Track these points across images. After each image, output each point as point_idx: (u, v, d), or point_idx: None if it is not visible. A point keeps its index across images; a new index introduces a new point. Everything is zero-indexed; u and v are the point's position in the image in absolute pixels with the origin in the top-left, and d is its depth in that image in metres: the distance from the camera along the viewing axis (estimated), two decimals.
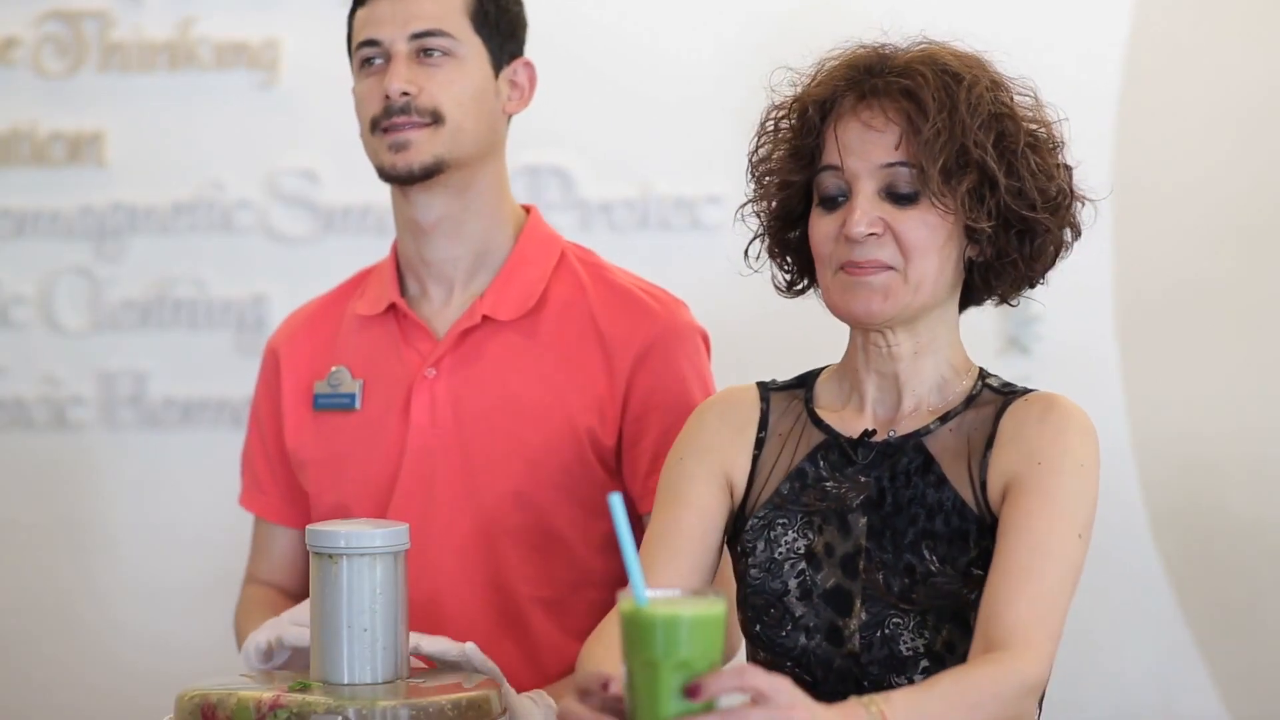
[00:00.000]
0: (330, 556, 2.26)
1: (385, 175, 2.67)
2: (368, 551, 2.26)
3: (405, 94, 2.60)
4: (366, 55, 2.65)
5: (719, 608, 1.80)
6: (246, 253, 4.33)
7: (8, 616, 4.40)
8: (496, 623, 2.64)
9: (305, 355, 2.78)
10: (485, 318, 2.68)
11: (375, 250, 4.20)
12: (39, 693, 4.37)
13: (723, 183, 3.97)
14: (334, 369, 2.73)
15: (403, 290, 2.74)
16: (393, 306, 2.72)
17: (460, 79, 2.64)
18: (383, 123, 2.63)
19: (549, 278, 2.71)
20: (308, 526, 2.30)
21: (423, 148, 2.63)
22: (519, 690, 2.37)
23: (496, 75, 2.68)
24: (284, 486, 2.79)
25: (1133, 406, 3.97)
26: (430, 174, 2.64)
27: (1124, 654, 3.97)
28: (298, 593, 2.80)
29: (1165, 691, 3.96)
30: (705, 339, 2.73)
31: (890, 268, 2.14)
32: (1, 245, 4.38)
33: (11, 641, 4.40)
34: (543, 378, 2.66)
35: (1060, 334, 3.98)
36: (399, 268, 2.77)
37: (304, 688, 2.21)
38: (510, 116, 2.73)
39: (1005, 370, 3.89)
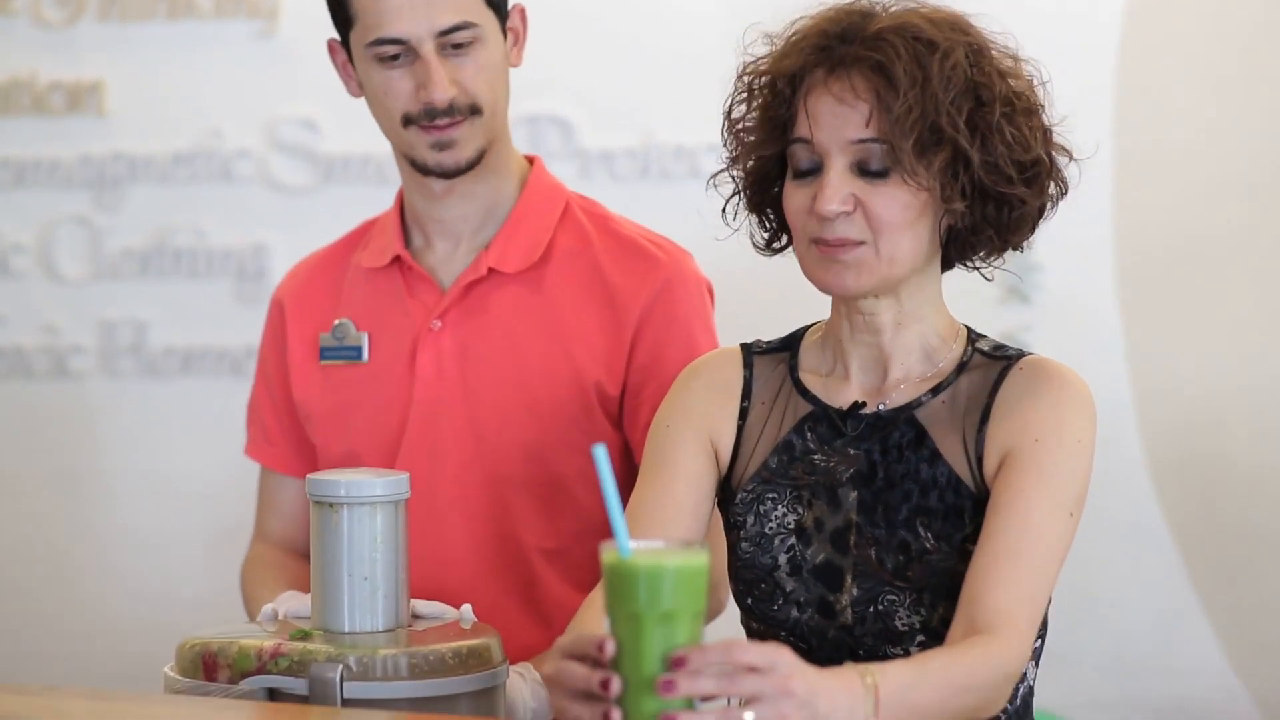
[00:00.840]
0: (331, 505, 2.26)
1: (426, 171, 2.65)
2: (368, 500, 2.25)
3: (452, 94, 2.59)
4: (388, 53, 2.60)
5: (702, 559, 1.79)
6: (246, 202, 4.32)
7: (6, 566, 4.41)
8: (501, 573, 2.64)
9: (310, 307, 2.77)
10: (491, 270, 2.67)
11: (375, 199, 4.19)
12: (37, 642, 4.37)
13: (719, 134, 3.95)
14: (338, 321, 2.72)
15: (407, 242, 2.74)
16: (397, 259, 2.71)
17: (488, 62, 2.61)
18: (422, 121, 2.60)
19: (554, 229, 2.70)
20: (308, 475, 2.30)
21: (469, 143, 2.62)
22: (518, 649, 2.37)
23: (504, 36, 2.66)
24: (291, 437, 2.78)
25: (1134, 357, 3.97)
26: (474, 165, 2.64)
27: (1125, 606, 3.97)
28: (305, 546, 2.78)
29: (1166, 643, 3.96)
30: (710, 290, 2.72)
31: (861, 243, 2.11)
32: (1, 195, 4.38)
33: (10, 591, 4.40)
34: (548, 329, 2.66)
35: (1061, 283, 3.97)
36: (404, 219, 2.76)
37: (305, 636, 2.21)
38: None
39: (1006, 320, 3.92)
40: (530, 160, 2.77)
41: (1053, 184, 2.16)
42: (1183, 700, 3.94)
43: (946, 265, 2.22)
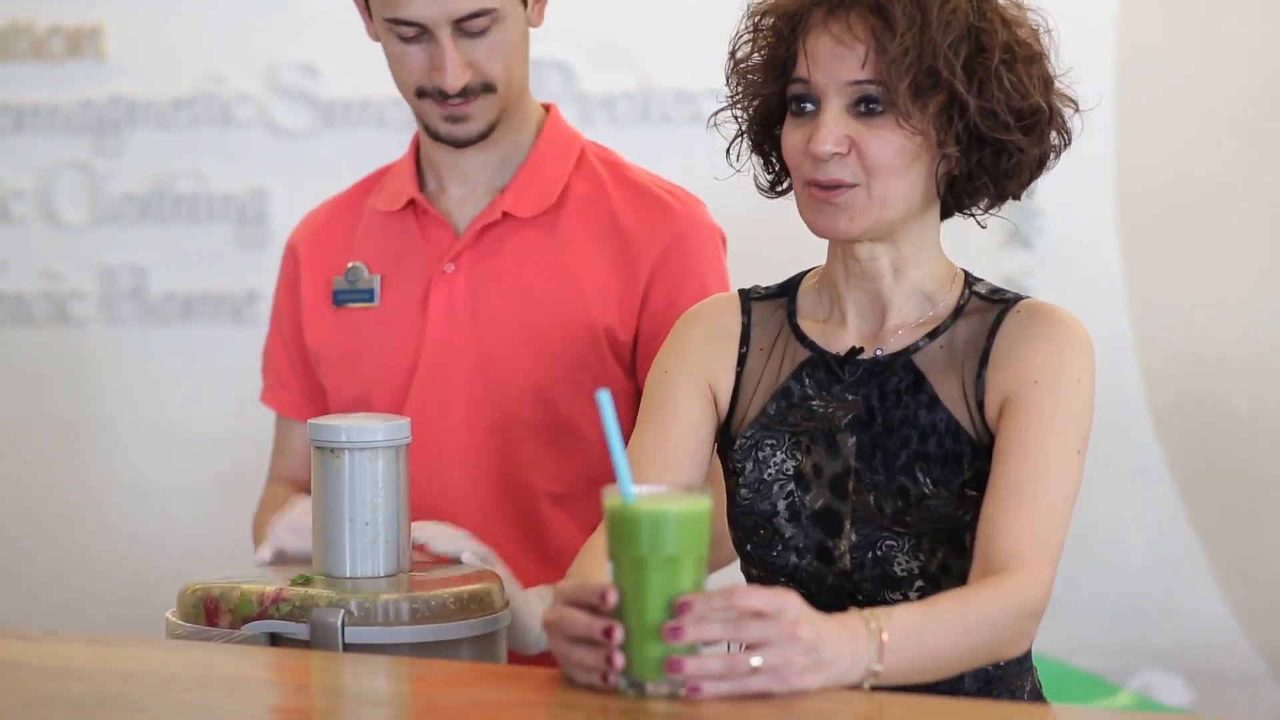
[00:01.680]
0: (332, 450, 2.26)
1: (437, 138, 2.65)
2: (370, 445, 2.26)
3: (467, 79, 2.57)
4: (406, 33, 2.58)
5: (705, 503, 1.80)
6: (246, 146, 4.32)
7: (7, 513, 4.42)
8: (509, 516, 2.64)
9: (324, 251, 2.77)
10: (505, 214, 2.66)
11: (375, 143, 4.20)
12: (37, 589, 4.38)
13: (724, 75, 3.94)
14: (351, 265, 2.72)
15: (421, 186, 2.73)
16: (412, 202, 2.71)
17: (504, 41, 2.59)
18: (435, 96, 2.60)
19: (569, 175, 2.70)
20: (310, 420, 2.30)
21: (480, 118, 2.61)
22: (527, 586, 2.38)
23: (525, 3, 2.64)
24: (304, 383, 2.78)
25: (1135, 302, 3.97)
26: (487, 135, 2.64)
27: (1125, 549, 3.98)
28: None
29: (1165, 586, 3.97)
30: (723, 239, 2.72)
31: (854, 186, 2.10)
32: (1, 139, 4.37)
33: (10, 537, 4.41)
34: (561, 273, 2.66)
35: (1063, 227, 3.96)
36: (419, 164, 2.75)
37: (306, 581, 2.22)
38: None
39: (1007, 265, 3.92)
40: (546, 108, 2.76)
41: (1055, 134, 2.15)
42: (1182, 643, 3.95)
43: (945, 214, 2.21)
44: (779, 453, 2.18)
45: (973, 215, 2.22)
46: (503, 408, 2.64)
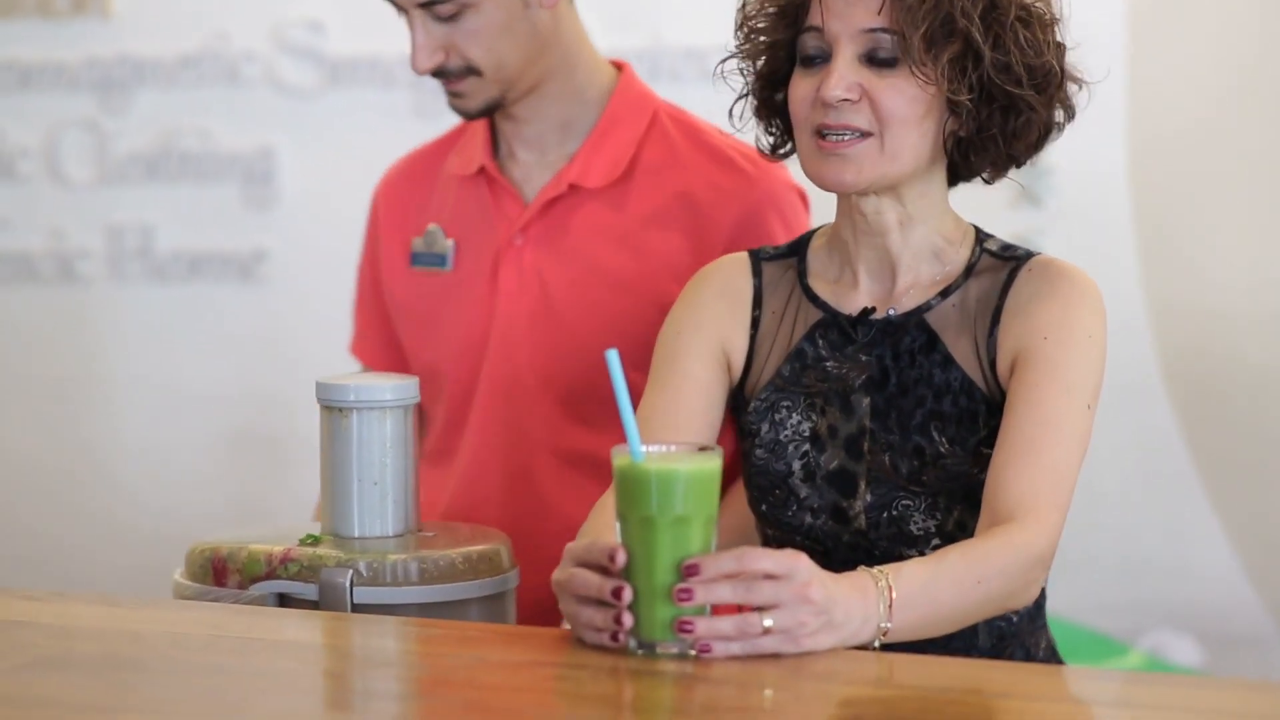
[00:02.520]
0: (340, 410, 2.25)
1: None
2: (378, 405, 2.25)
3: (435, 62, 2.56)
4: (396, 11, 2.59)
5: (715, 462, 1.79)
6: (253, 105, 4.30)
7: (12, 471, 4.41)
8: (584, 491, 2.61)
9: (403, 209, 2.76)
10: (572, 186, 2.63)
11: (381, 102, 4.19)
12: (42, 548, 4.38)
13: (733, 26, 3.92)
14: (430, 227, 2.71)
15: (495, 152, 2.71)
16: (483, 169, 2.69)
17: (481, 27, 2.55)
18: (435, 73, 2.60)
19: (640, 141, 2.65)
20: (317, 380, 2.29)
21: (474, 97, 2.59)
22: None
23: None
24: (382, 335, 2.78)
25: (1146, 259, 3.95)
26: (492, 111, 2.62)
27: (1134, 505, 3.97)
28: None
29: (1176, 542, 3.96)
30: (803, 196, 2.66)
31: (865, 134, 2.08)
32: (6, 98, 4.36)
33: (16, 495, 4.41)
34: (631, 249, 2.62)
35: (1073, 186, 3.95)
36: (493, 125, 2.72)
37: (314, 541, 2.21)
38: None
39: (1018, 223, 3.90)
40: (619, 67, 2.72)
41: (1060, 109, 2.14)
42: (1193, 603, 3.94)
43: (953, 181, 2.20)
44: (794, 414, 2.17)
45: (981, 178, 2.20)
46: (572, 383, 2.62)
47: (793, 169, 2.30)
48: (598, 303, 2.61)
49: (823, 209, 2.31)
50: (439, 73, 2.56)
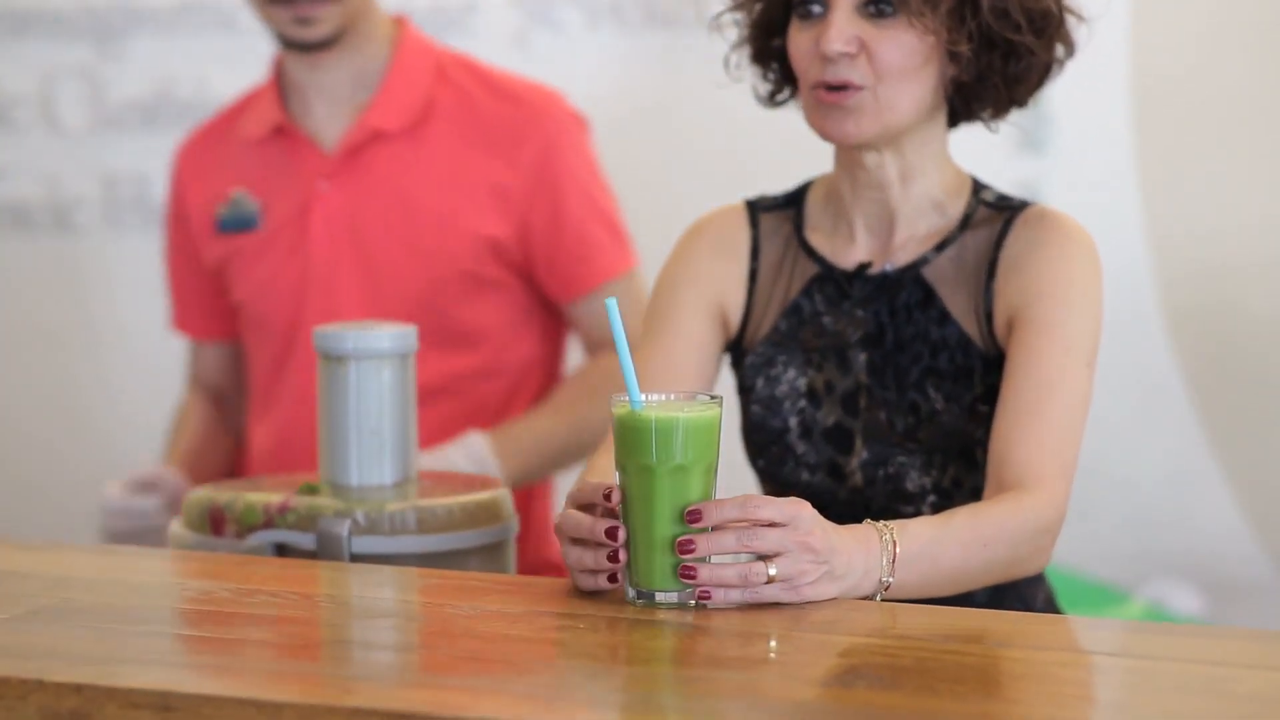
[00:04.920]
0: (338, 359, 2.24)
1: (288, 44, 2.74)
2: (376, 354, 2.24)
3: None
4: None
5: (714, 410, 1.79)
6: (250, 52, 4.26)
7: (10, 421, 4.41)
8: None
9: (205, 177, 2.87)
10: (374, 130, 2.74)
11: None
12: (42, 498, 4.38)
13: None
14: (234, 193, 2.82)
15: (285, 110, 2.81)
16: (279, 126, 2.78)
17: None
18: (283, 0, 2.69)
19: (431, 85, 2.77)
20: (315, 330, 2.28)
21: (327, 21, 2.70)
22: None
23: None
24: (203, 304, 2.87)
25: (1148, 206, 3.93)
26: (329, 43, 2.72)
27: (1137, 459, 3.96)
28: (235, 394, 2.95)
29: (1179, 496, 3.95)
30: (583, 123, 2.82)
31: (861, 88, 2.07)
32: (2, 44, 4.33)
33: (15, 447, 4.40)
34: (436, 183, 2.73)
35: (1074, 134, 3.93)
36: (280, 88, 2.83)
37: (312, 491, 2.20)
38: None
39: (1020, 171, 3.88)
40: (397, 21, 2.83)
41: (1060, 45, 2.12)
42: (1197, 554, 3.94)
43: (952, 122, 2.18)
44: (790, 369, 2.16)
45: (981, 121, 2.19)
46: (392, 315, 2.70)
47: (771, 116, 2.29)
48: (409, 237, 2.73)
49: (811, 163, 2.29)
50: None
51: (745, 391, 2.19)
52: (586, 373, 2.79)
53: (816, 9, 2.09)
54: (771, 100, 2.24)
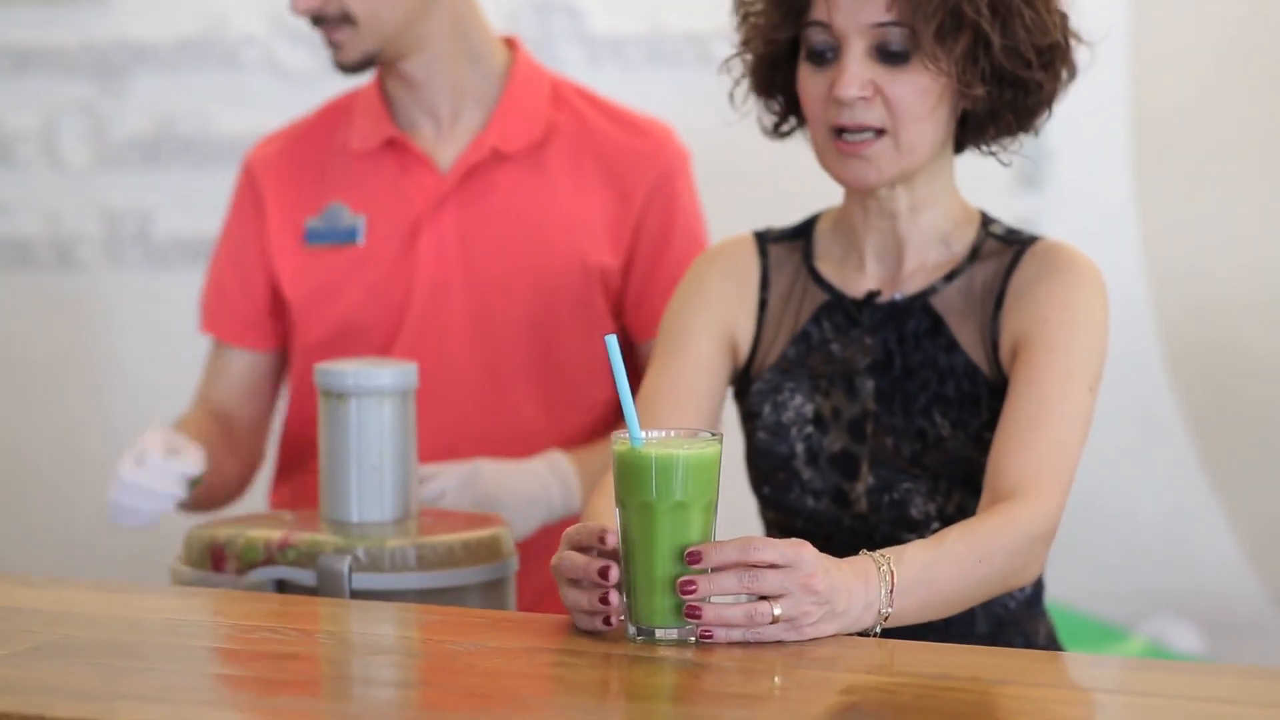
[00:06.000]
0: (339, 395, 2.24)
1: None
2: (377, 390, 2.24)
3: (312, 5, 2.61)
4: None
5: (714, 448, 1.79)
6: (251, 89, 4.28)
7: (10, 457, 4.40)
8: (502, 455, 2.64)
9: (293, 188, 2.77)
10: (494, 151, 2.67)
11: None
12: (42, 535, 4.37)
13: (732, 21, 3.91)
14: (331, 204, 2.72)
15: (395, 124, 2.73)
16: (390, 141, 2.69)
17: None
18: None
19: (549, 108, 2.71)
20: (316, 366, 2.29)
21: (350, 48, 2.63)
22: None
23: None
24: (252, 311, 2.76)
25: (1148, 243, 3.94)
26: (368, 65, 2.67)
27: (1137, 496, 3.96)
28: (242, 417, 2.80)
29: (1178, 534, 3.95)
30: (691, 161, 2.77)
31: (880, 131, 2.08)
32: (4, 82, 4.34)
33: (15, 481, 4.40)
34: (552, 210, 2.67)
35: (1074, 170, 3.94)
36: (386, 100, 2.74)
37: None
38: None
39: (1018, 207, 3.89)
40: (510, 43, 2.77)
41: (1064, 70, 2.13)
42: (1196, 592, 3.94)
43: (959, 149, 2.19)
44: (797, 395, 2.17)
45: (990, 153, 2.20)
46: (497, 346, 2.66)
47: (776, 154, 2.30)
48: (521, 264, 2.66)
49: (818, 201, 2.30)
50: (319, 20, 2.62)
51: (751, 418, 2.20)
52: None
53: (829, 54, 2.09)
54: (776, 132, 2.25)
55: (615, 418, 2.71)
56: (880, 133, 2.08)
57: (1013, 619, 2.15)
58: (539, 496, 2.54)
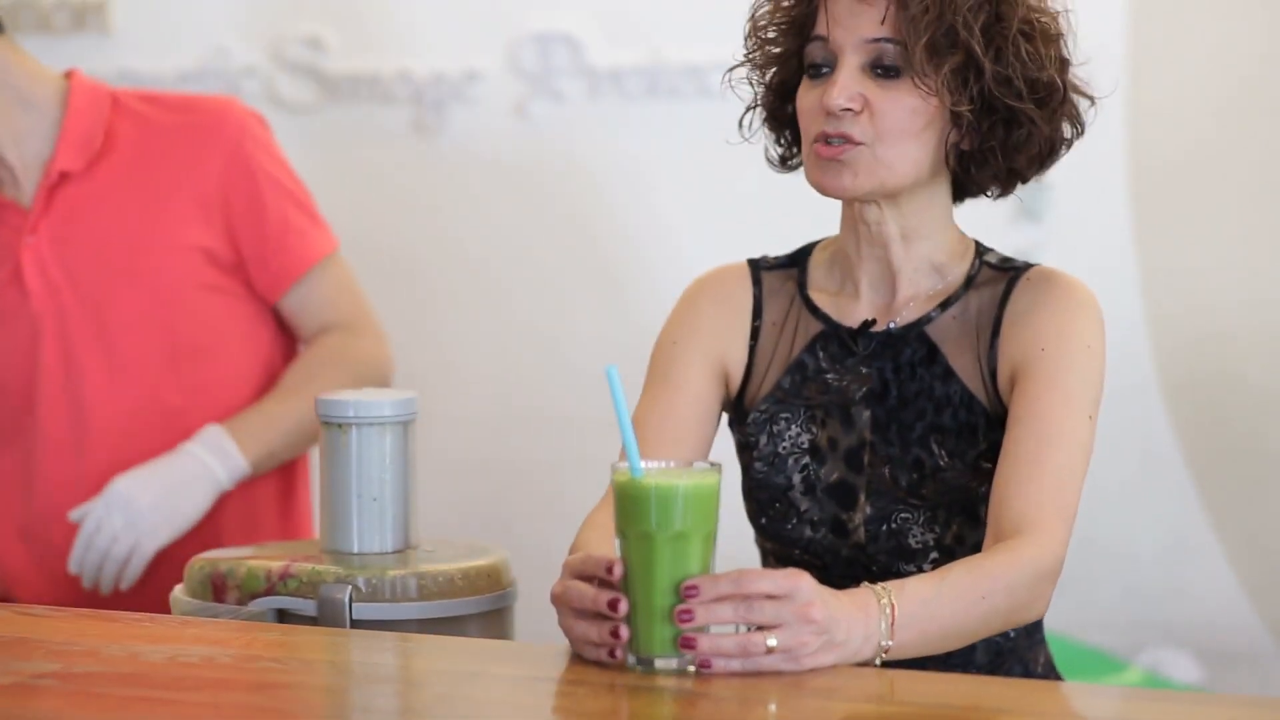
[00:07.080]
0: (340, 426, 2.25)
1: None
2: (377, 421, 2.25)
3: None
4: None
5: (713, 478, 1.79)
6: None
7: None
8: (158, 439, 2.77)
9: None
10: (62, 173, 2.78)
11: (380, 118, 4.18)
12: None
13: (735, 49, 3.92)
14: None
15: None
16: None
17: None
18: None
19: (109, 117, 2.82)
20: (316, 396, 2.29)
21: None
22: None
23: None
24: None
25: (1146, 276, 3.95)
26: None
27: (1135, 529, 3.96)
28: None
29: (1176, 566, 3.95)
30: (262, 122, 2.92)
31: (860, 144, 2.09)
32: None
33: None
34: (135, 207, 2.78)
35: (1073, 202, 3.94)
36: None
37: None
38: None
39: (1017, 239, 3.89)
40: (67, 75, 2.88)
41: (1069, 124, 2.14)
42: (1193, 624, 3.94)
43: (959, 196, 2.20)
44: (794, 426, 2.17)
45: (987, 195, 2.21)
46: (125, 350, 2.77)
47: (773, 186, 2.30)
48: (126, 266, 2.78)
49: (812, 232, 2.31)
50: None
51: (747, 449, 2.20)
52: (309, 354, 2.83)
53: (825, 70, 2.12)
54: (784, 164, 2.26)
55: (248, 378, 2.84)
56: (861, 144, 2.09)
57: (1012, 648, 2.15)
58: (199, 474, 2.66)
